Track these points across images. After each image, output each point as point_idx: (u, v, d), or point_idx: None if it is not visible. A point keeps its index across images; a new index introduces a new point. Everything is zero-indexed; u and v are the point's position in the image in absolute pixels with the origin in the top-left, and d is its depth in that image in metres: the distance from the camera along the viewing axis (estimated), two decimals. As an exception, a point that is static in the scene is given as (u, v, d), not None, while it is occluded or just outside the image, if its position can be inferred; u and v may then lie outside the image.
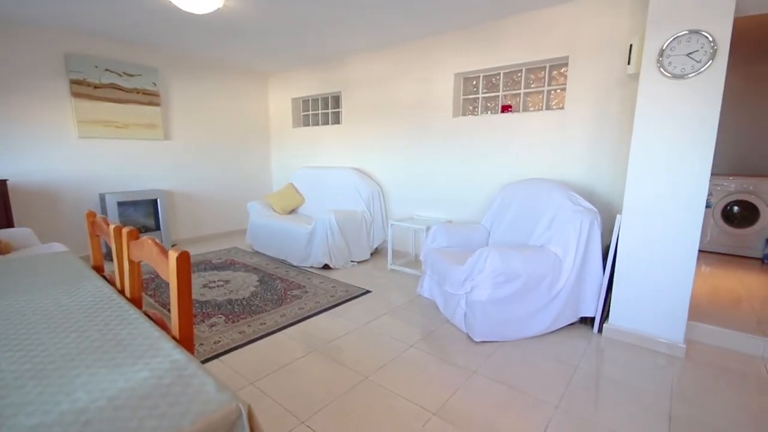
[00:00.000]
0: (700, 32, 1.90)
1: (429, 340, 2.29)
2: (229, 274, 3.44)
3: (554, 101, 3.14)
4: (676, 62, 1.97)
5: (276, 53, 4.21)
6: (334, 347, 2.20)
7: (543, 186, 2.70)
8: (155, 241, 1.02)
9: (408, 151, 3.92)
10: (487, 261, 2.17)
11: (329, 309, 2.72)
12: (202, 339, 2.27)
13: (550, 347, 2.22)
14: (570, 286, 2.31)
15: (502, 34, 3.12)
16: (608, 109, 2.70)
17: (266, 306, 2.75)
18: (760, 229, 3.76)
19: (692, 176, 2.02)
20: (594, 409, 1.69)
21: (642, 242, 2.20)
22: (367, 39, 3.66)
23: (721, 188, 3.90)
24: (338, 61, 4.37)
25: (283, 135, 5.30)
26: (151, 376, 0.78)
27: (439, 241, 2.87)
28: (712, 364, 2.05)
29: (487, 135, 3.33)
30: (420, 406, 1.69)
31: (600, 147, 2.76)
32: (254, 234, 4.20)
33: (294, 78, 4.95)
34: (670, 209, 2.10)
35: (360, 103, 4.25)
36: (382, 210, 4.12)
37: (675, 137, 2.04)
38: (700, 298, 2.70)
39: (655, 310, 2.20)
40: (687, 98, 1.98)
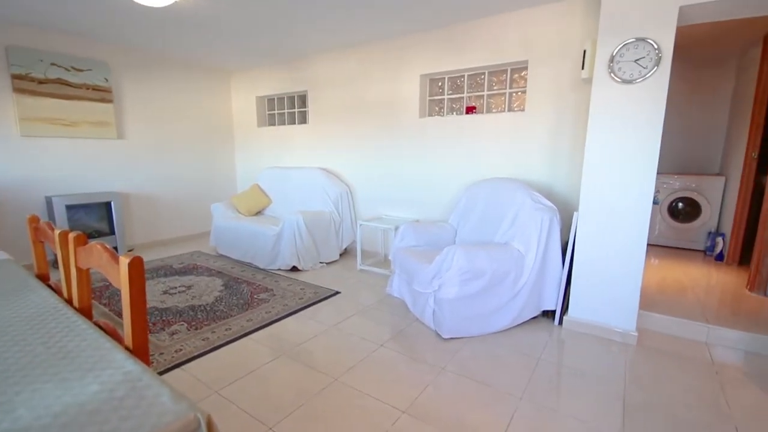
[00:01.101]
0: (646, 40, 2.03)
1: (398, 339, 2.31)
2: (191, 279, 3.31)
3: (516, 103, 3.25)
4: (626, 68, 2.09)
5: (238, 50, 4.09)
6: (303, 350, 2.16)
7: (506, 185, 2.79)
8: (105, 246, 0.96)
9: (376, 151, 3.93)
10: (453, 259, 2.21)
11: (298, 311, 2.68)
12: (162, 348, 2.16)
13: (515, 341, 2.29)
14: (532, 281, 2.40)
15: (466, 37, 3.19)
16: (565, 112, 2.83)
17: (232, 311, 2.67)
18: (702, 224, 4.07)
19: (640, 175, 2.15)
20: (556, 398, 1.77)
21: (597, 238, 2.33)
22: (332, 38, 3.63)
23: (667, 186, 4.18)
24: (304, 60, 4.31)
25: (248, 134, 5.16)
26: (101, 390, 0.73)
27: (408, 241, 2.89)
28: (662, 350, 2.20)
29: (452, 135, 3.40)
30: (390, 405, 1.70)
31: (558, 147, 2.89)
32: (218, 237, 4.06)
33: (258, 76, 4.83)
34: (622, 206, 2.23)
35: (327, 102, 4.21)
36: (350, 210, 4.11)
37: (625, 138, 2.17)
38: (650, 289, 2.89)
39: (610, 301, 2.32)
40: (635, 102, 2.11)
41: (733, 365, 2.04)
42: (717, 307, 2.58)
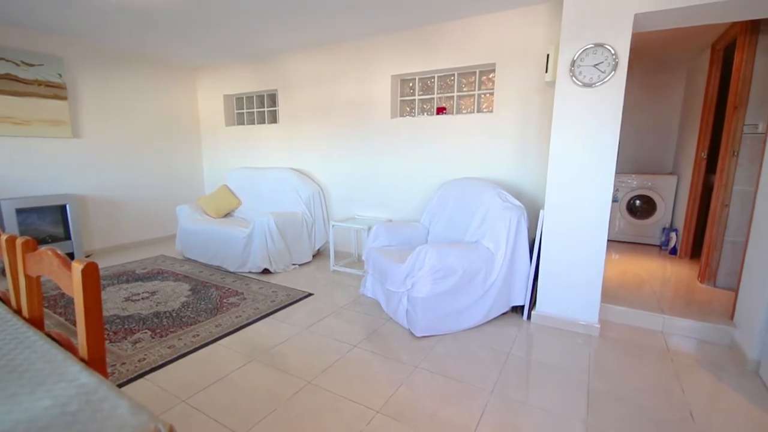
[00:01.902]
0: (604, 46, 2.13)
1: (372, 339, 2.31)
2: (155, 285, 3.17)
3: (484, 105, 3.33)
4: (586, 72, 2.18)
5: (204, 47, 3.96)
6: (276, 354, 2.12)
7: (476, 185, 2.85)
8: (56, 252, 0.91)
9: (348, 152, 3.91)
10: (425, 258, 2.24)
11: (270, 315, 2.62)
12: (124, 358, 2.06)
13: (486, 336, 2.34)
14: (502, 278, 2.46)
15: (436, 38, 3.23)
16: (531, 113, 2.92)
17: (199, 316, 2.58)
18: (657, 220, 4.31)
19: (600, 174, 2.26)
20: (524, 390, 1.82)
21: (561, 235, 2.42)
22: (301, 37, 3.59)
23: (625, 185, 4.41)
24: (273, 59, 4.23)
25: (216, 134, 5.01)
26: (53, 405, 0.69)
27: (381, 240, 2.90)
28: (622, 340, 2.31)
29: (423, 136, 3.44)
30: (364, 405, 1.69)
31: (525, 148, 2.98)
32: (185, 240, 3.91)
33: (226, 74, 4.70)
34: (584, 204, 2.33)
35: (298, 102, 4.15)
36: (323, 211, 4.07)
37: (586, 140, 2.27)
38: (611, 283, 3.03)
39: (574, 296, 2.42)
40: (595, 105, 2.21)
41: (687, 353, 2.18)
42: (671, 298, 2.74)
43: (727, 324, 2.30)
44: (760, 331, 1.96)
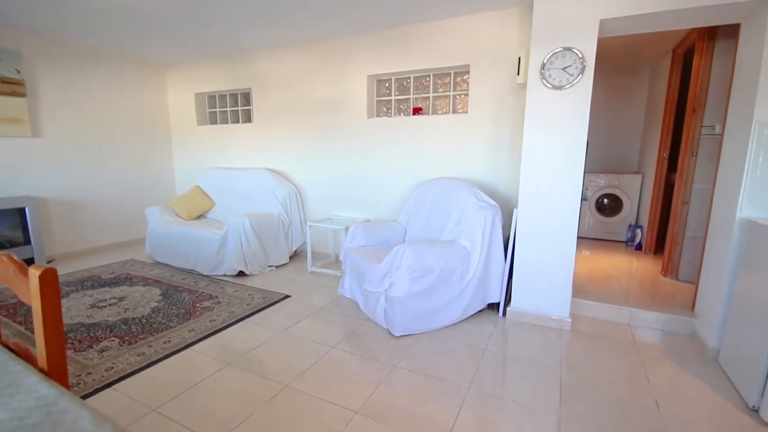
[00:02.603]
0: (572, 49, 2.20)
1: (351, 340, 2.30)
2: (124, 290, 3.05)
3: (459, 105, 3.38)
4: (555, 75, 2.25)
5: (174, 44, 3.84)
6: (252, 358, 2.08)
7: (452, 184, 2.89)
8: (12, 257, 0.86)
9: (324, 152, 3.89)
10: (403, 258, 2.25)
11: (246, 318, 2.57)
12: (90, 367, 1.97)
13: (463, 334, 2.38)
14: (478, 276, 2.50)
15: (411, 39, 3.25)
16: (504, 115, 2.99)
17: (171, 322, 2.50)
18: (623, 218, 4.50)
19: (570, 173, 2.33)
20: (501, 385, 1.86)
21: (534, 233, 2.49)
22: (275, 35, 3.53)
23: (594, 184, 4.58)
24: (247, 57, 4.14)
25: (187, 133, 4.86)
26: (11, 418, 0.65)
27: (358, 241, 2.89)
28: (592, 333, 2.40)
29: (400, 136, 3.45)
30: (342, 406, 1.69)
31: (499, 148, 3.05)
32: (155, 243, 3.78)
33: (197, 72, 4.56)
34: (555, 202, 2.40)
35: (273, 101, 4.09)
36: (299, 211, 4.02)
37: (556, 140, 2.34)
38: (581, 278, 3.14)
39: (547, 291, 2.50)
40: (564, 106, 2.29)
41: (651, 343, 2.28)
42: (637, 291, 2.87)
43: (688, 315, 2.43)
44: (719, 322, 2.08)
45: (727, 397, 1.78)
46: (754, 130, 1.90)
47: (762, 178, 1.91)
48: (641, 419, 1.63)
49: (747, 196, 1.95)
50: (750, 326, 1.76)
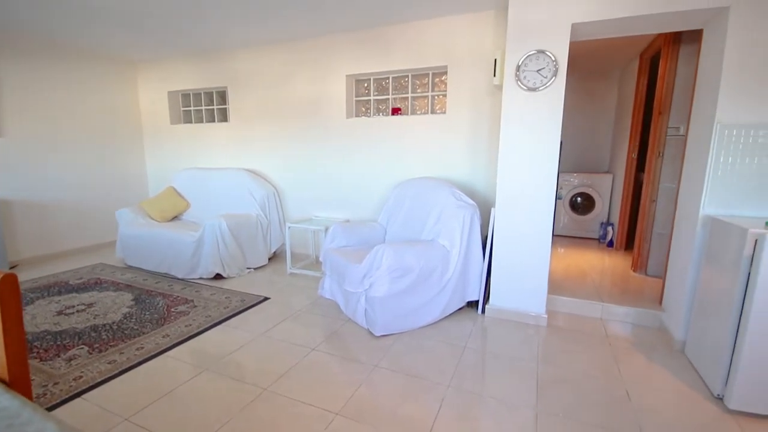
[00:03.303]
0: (545, 52, 2.26)
1: (331, 341, 2.29)
2: (93, 296, 2.93)
3: (437, 106, 3.41)
4: (530, 77, 2.31)
5: (145, 39, 3.71)
6: (230, 362, 2.04)
7: (431, 184, 2.91)
8: (-31, 263, 0.81)
9: (304, 152, 3.85)
10: (383, 258, 2.25)
11: (223, 322, 2.51)
12: (57, 377, 1.89)
13: (443, 332, 2.40)
14: (457, 275, 2.53)
15: (390, 40, 3.26)
16: (482, 115, 3.04)
17: (144, 328, 2.41)
18: (595, 216, 4.65)
19: (545, 173, 2.39)
20: (480, 382, 1.89)
21: (511, 231, 2.54)
22: (252, 34, 3.47)
23: (568, 183, 4.71)
24: (223, 55, 4.05)
25: (160, 133, 4.71)
26: (-34, 435, 0.61)
27: (338, 241, 2.88)
28: (567, 328, 2.47)
29: (379, 136, 3.46)
30: (323, 408, 1.67)
31: (477, 148, 3.09)
32: (126, 246, 3.65)
33: (170, 69, 4.43)
34: (531, 201, 2.46)
35: (250, 100, 4.01)
36: (278, 212, 3.97)
37: (532, 141, 2.40)
38: (557, 275, 3.23)
39: (524, 289, 2.55)
40: (539, 108, 2.34)
41: (623, 336, 2.37)
42: (609, 287, 2.97)
43: (656, 309, 2.53)
44: (684, 315, 2.18)
45: (694, 386, 1.87)
46: (715, 131, 2.00)
47: (723, 177, 2.02)
48: (614, 410, 1.69)
49: (709, 194, 2.05)
50: (712, 318, 1.86)
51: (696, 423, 1.61)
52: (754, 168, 1.96)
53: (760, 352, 1.59)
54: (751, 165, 1.97)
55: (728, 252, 1.76)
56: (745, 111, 1.94)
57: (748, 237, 1.61)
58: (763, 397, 1.61)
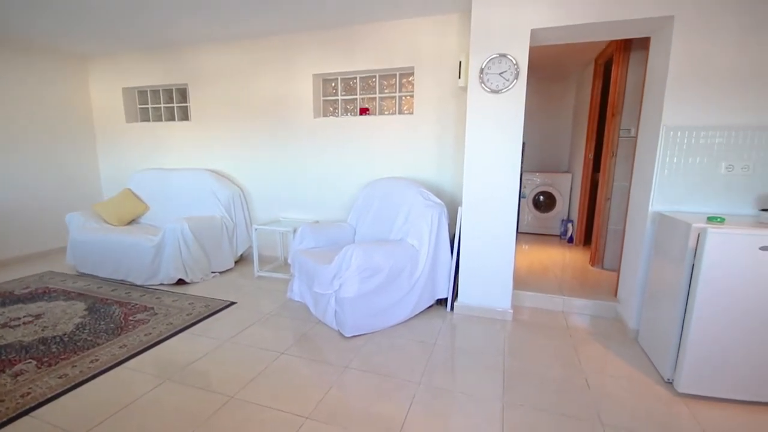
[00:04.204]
0: (507, 56, 2.33)
1: (301, 344, 2.25)
2: (41, 306, 2.72)
3: (405, 106, 3.44)
4: (493, 79, 2.38)
5: (96, 32, 3.49)
6: (194, 371, 1.96)
7: (399, 184, 2.93)
8: None
9: (270, 152, 3.76)
10: (352, 258, 2.24)
11: (186, 329, 2.42)
12: (2, 394, 1.74)
13: (413, 330, 2.43)
14: (426, 273, 2.57)
15: (357, 40, 3.25)
16: (448, 116, 3.09)
17: (99, 338, 2.28)
18: (557, 213, 4.86)
19: (508, 173, 2.47)
20: (450, 378, 1.93)
21: (478, 229, 2.60)
22: (213, 29, 3.35)
23: (531, 182, 4.89)
24: (182, 50, 3.89)
25: (115, 132, 4.45)
26: None
27: (307, 242, 2.84)
28: (531, 322, 2.56)
29: (347, 136, 3.44)
30: (292, 413, 1.65)
31: (444, 148, 3.15)
32: (78, 252, 3.42)
33: (125, 64, 4.19)
34: (495, 200, 2.53)
35: (212, 98, 3.87)
36: (245, 214, 3.86)
37: (496, 141, 2.47)
38: (522, 271, 3.35)
39: (490, 285, 2.62)
40: (502, 109, 2.42)
41: (582, 328, 2.49)
42: (569, 281, 3.12)
43: (612, 300, 2.68)
44: (636, 305, 2.32)
45: (646, 372, 1.99)
46: (662, 133, 2.14)
47: (669, 176, 2.17)
48: (574, 397, 1.77)
49: (657, 191, 2.19)
50: (661, 308, 1.99)
51: (648, 406, 1.72)
52: (697, 167, 2.12)
53: (704, 338, 1.72)
54: (694, 164, 2.12)
55: (674, 245, 1.89)
56: (687, 114, 2.09)
57: (691, 231, 1.74)
58: (708, 380, 1.75)
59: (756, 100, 1.99)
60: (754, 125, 2.01)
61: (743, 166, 2.05)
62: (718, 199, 2.11)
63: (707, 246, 1.66)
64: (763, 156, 2.02)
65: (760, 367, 1.69)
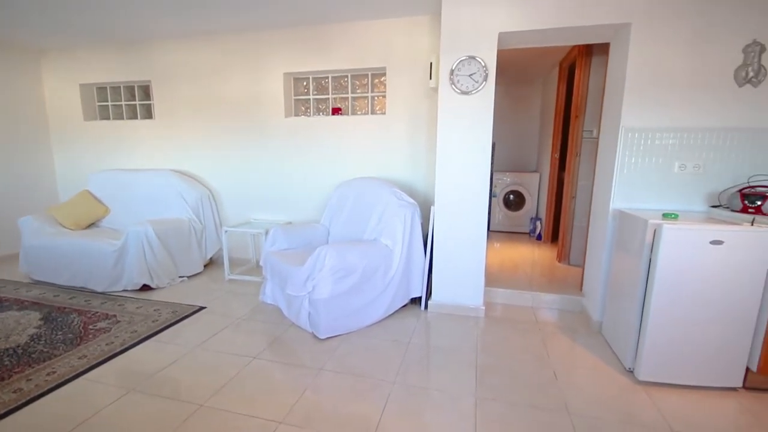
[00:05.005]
0: (476, 58, 2.39)
1: (274, 348, 2.21)
2: (-10, 318, 2.54)
3: (377, 107, 3.44)
4: (463, 81, 2.42)
5: (49, 24, 3.29)
6: (161, 380, 1.89)
7: (372, 184, 2.93)
8: None
9: (240, 152, 3.67)
10: (325, 259, 2.22)
11: (152, 336, 2.32)
12: (-57, 415, 1.61)
13: (388, 330, 2.44)
14: (400, 273, 2.58)
15: (329, 39, 3.23)
16: (420, 116, 3.12)
17: (56, 350, 2.15)
18: (526, 212, 5.01)
19: (479, 172, 2.53)
20: (424, 376, 1.95)
21: (450, 228, 2.64)
22: (179, 24, 3.23)
23: (501, 181, 5.02)
24: (145, 45, 3.72)
25: (71, 131, 4.20)
26: None
27: (279, 244, 2.79)
28: (503, 318, 2.63)
29: (320, 136, 3.41)
30: (265, 419, 1.61)
31: (417, 148, 3.18)
32: (32, 259, 3.21)
33: (82, 59, 3.97)
34: (466, 199, 2.58)
35: (178, 95, 3.73)
36: (214, 216, 3.74)
37: (466, 141, 2.52)
38: (493, 268, 3.43)
39: (463, 283, 2.67)
40: (472, 110, 2.47)
41: (550, 322, 2.58)
42: (538, 277, 3.22)
43: (578, 295, 2.80)
44: (600, 298, 2.43)
45: (609, 362, 2.09)
46: (621, 134, 2.25)
47: (628, 175, 2.28)
48: (543, 389, 1.83)
49: (617, 189, 2.31)
50: (622, 300, 2.09)
51: (611, 395, 1.80)
52: (653, 166, 2.25)
53: (661, 328, 1.83)
54: (651, 164, 2.25)
55: (633, 241, 2.00)
56: (644, 117, 2.21)
57: (648, 227, 1.84)
58: (666, 367, 1.85)
59: (705, 103, 2.13)
60: (704, 127, 2.15)
61: (695, 165, 2.19)
62: (673, 197, 2.25)
63: (663, 241, 1.76)
64: (713, 156, 2.17)
65: (713, 354, 1.80)
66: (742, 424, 1.62)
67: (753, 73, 2.03)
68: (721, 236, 1.71)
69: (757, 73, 2.03)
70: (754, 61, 2.02)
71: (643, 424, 1.60)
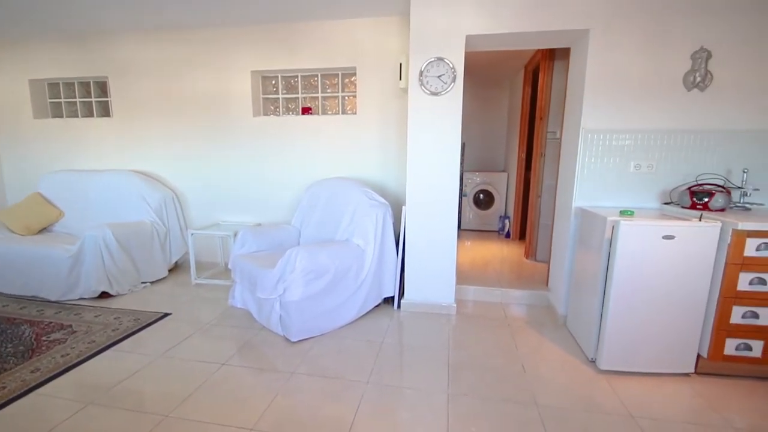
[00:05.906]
0: (444, 60, 2.42)
1: (244, 353, 2.16)
2: (-74, 333, 2.33)
3: (348, 107, 3.43)
4: (432, 82, 2.45)
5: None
6: (122, 391, 1.79)
7: (343, 184, 2.92)
8: None
9: (207, 152, 3.55)
10: (296, 260, 2.19)
11: (112, 346, 2.20)
12: None
13: (361, 330, 2.43)
14: (373, 273, 2.58)
15: (298, 38, 3.18)
16: (390, 116, 3.14)
17: (5, 363, 2.00)
18: (495, 210, 5.15)
19: (448, 172, 2.57)
20: (398, 375, 1.96)
21: (421, 227, 2.67)
22: (136, 16, 3.09)
23: (471, 181, 5.13)
24: (100, 38, 3.52)
25: (20, 129, 3.92)
26: None
27: (249, 246, 2.72)
28: (474, 315, 2.69)
29: (290, 136, 3.35)
30: (235, 426, 1.57)
31: (387, 148, 3.19)
32: (-25, 267, 2.97)
33: (32, 53, 3.71)
34: (438, 199, 2.62)
35: (138, 92, 3.56)
36: (179, 218, 3.60)
37: (436, 141, 2.55)
38: (465, 266, 3.50)
39: (435, 281, 2.71)
40: (441, 111, 2.51)
41: (519, 317, 2.66)
42: (507, 273, 3.31)
43: (544, 290, 2.90)
44: (564, 293, 2.53)
45: (574, 353, 2.18)
46: (581, 136, 2.35)
47: (588, 174, 2.39)
48: (513, 382, 1.89)
49: (579, 188, 2.41)
50: (585, 294, 2.19)
51: (576, 384, 1.88)
52: (611, 166, 2.36)
53: (620, 319, 1.92)
54: (609, 164, 2.36)
55: (594, 237, 2.09)
56: (602, 119, 2.32)
57: (607, 224, 1.93)
58: (624, 357, 1.95)
59: (657, 105, 2.26)
60: (656, 129, 2.28)
61: (648, 164, 2.32)
62: (629, 195, 2.37)
63: (620, 236, 1.85)
64: (665, 156, 2.31)
65: (667, 343, 1.92)
66: (695, 406, 1.73)
67: (700, 78, 2.18)
68: (673, 231, 1.82)
69: (704, 78, 2.17)
70: (701, 66, 2.17)
71: (606, 412, 1.68)
